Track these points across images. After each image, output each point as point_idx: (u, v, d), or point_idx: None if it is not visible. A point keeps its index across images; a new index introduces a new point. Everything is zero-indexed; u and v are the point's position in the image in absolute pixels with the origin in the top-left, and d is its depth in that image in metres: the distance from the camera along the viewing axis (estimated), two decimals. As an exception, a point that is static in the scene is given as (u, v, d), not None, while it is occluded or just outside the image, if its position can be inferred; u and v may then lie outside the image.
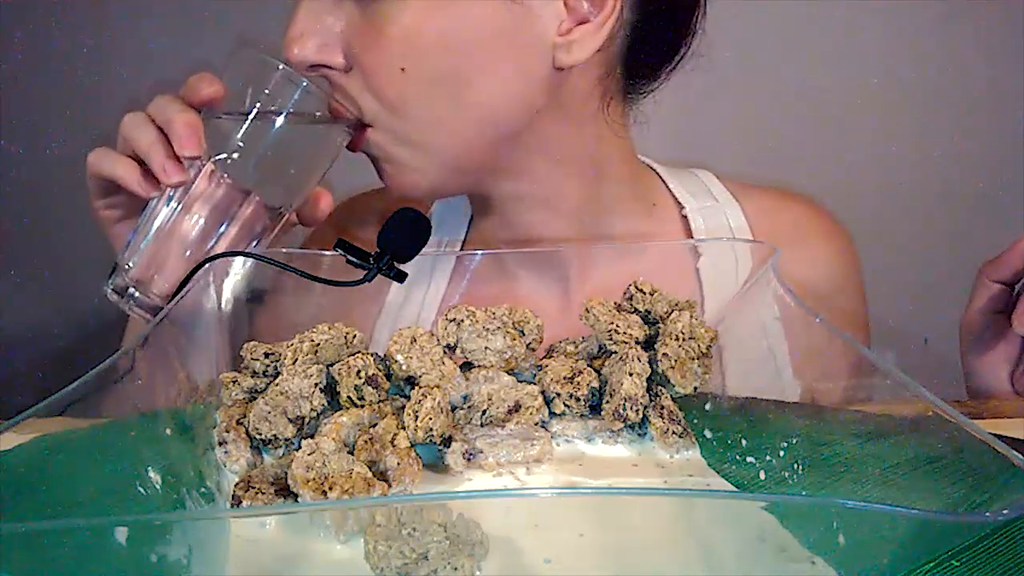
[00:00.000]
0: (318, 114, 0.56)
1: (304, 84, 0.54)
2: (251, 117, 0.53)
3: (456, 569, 0.34)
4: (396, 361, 0.47)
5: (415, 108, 0.56)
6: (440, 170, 0.59)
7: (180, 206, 0.54)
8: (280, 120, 0.54)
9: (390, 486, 0.40)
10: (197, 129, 0.52)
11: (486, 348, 0.49)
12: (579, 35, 0.55)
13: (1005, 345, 0.57)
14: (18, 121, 1.25)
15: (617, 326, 0.50)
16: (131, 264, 0.54)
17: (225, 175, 0.54)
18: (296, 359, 0.47)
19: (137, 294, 0.53)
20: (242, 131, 0.54)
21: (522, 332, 0.51)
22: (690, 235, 0.68)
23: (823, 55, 1.18)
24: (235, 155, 0.53)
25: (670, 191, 0.70)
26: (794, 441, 0.44)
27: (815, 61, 1.18)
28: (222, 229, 0.54)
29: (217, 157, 0.53)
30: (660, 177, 0.71)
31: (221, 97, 0.54)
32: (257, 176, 0.54)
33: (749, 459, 0.44)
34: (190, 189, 0.54)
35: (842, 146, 1.21)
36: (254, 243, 0.56)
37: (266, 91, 0.54)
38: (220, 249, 0.54)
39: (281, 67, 0.54)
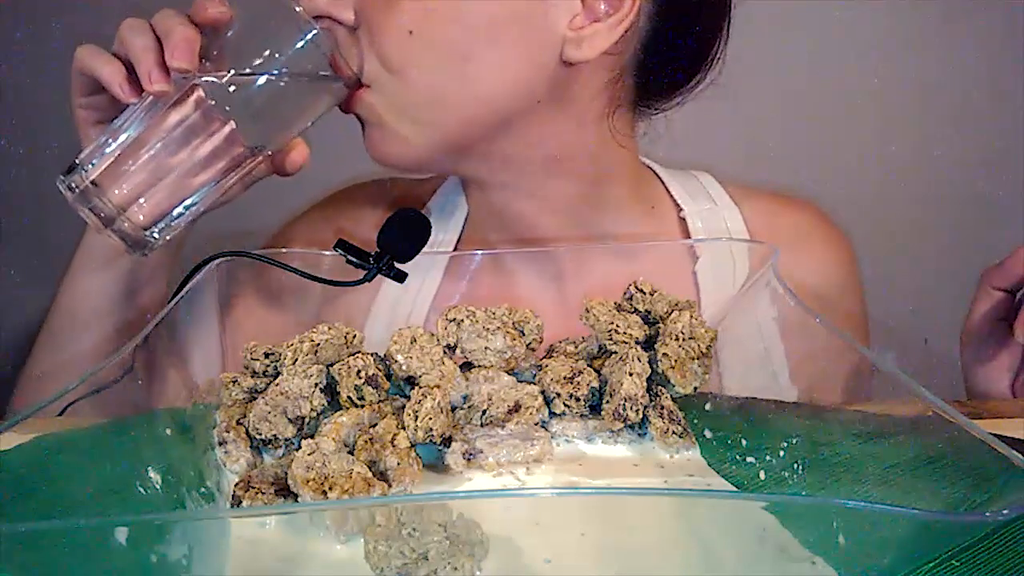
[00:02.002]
0: (317, 70, 0.55)
1: (314, 32, 0.53)
2: (251, 50, 0.52)
3: (456, 569, 0.34)
4: (396, 361, 0.47)
5: (416, 74, 0.56)
6: (428, 144, 0.58)
7: (156, 119, 0.52)
8: (280, 60, 0.53)
9: (390, 486, 0.40)
10: (193, 44, 0.51)
11: (486, 348, 0.49)
12: (590, 32, 0.55)
13: (1007, 353, 0.57)
14: (18, 121, 1.25)
15: (617, 326, 0.50)
16: (92, 164, 0.52)
17: (210, 101, 0.52)
18: (296, 359, 0.47)
19: (91, 195, 0.52)
20: (238, 62, 0.53)
21: (522, 332, 0.51)
22: (688, 238, 0.68)
23: (823, 55, 1.18)
24: (228, 86, 0.52)
25: (669, 193, 0.70)
26: (794, 441, 0.44)
27: (815, 61, 1.18)
28: (192, 153, 0.53)
29: (205, 78, 0.52)
30: (659, 178, 0.71)
31: (227, 21, 0.53)
32: (242, 111, 0.53)
33: (749, 459, 0.44)
34: (170, 105, 0.52)
35: (842, 146, 1.21)
36: (218, 179, 0.54)
37: (273, 29, 0.53)
38: (184, 172, 0.53)
39: (298, 9, 0.53)
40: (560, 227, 0.65)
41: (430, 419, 0.43)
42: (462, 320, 0.49)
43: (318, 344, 0.48)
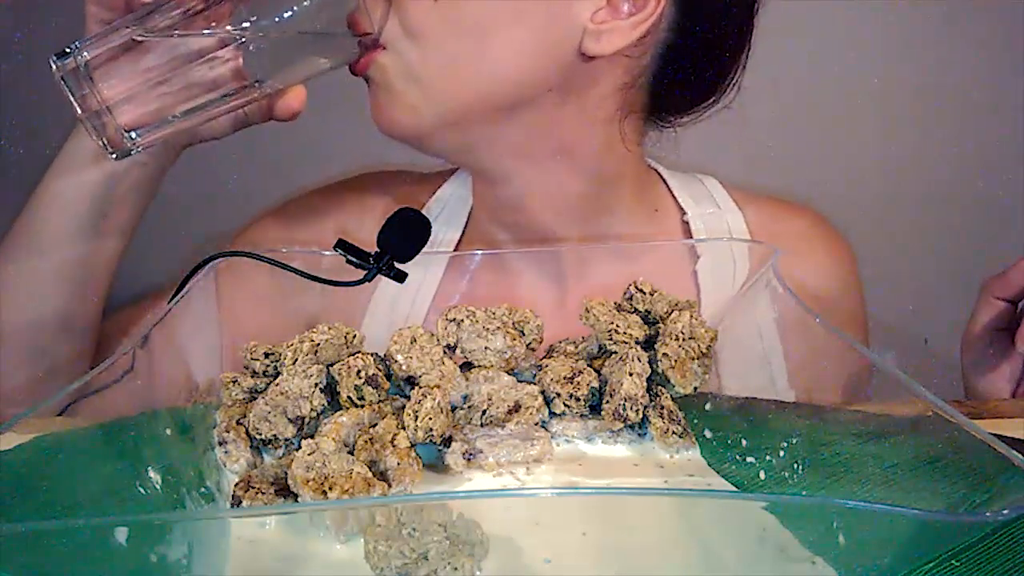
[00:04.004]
0: (338, 22, 0.55)
1: None
2: None
3: (456, 569, 0.34)
4: (396, 361, 0.47)
5: (434, 41, 0.56)
6: (435, 117, 0.58)
7: (164, 26, 0.51)
8: (305, 5, 0.52)
9: (390, 486, 0.40)
10: None
11: (486, 348, 0.49)
12: (610, 27, 0.56)
13: (1008, 363, 0.57)
14: (18, 121, 1.25)
15: (617, 326, 0.50)
16: (88, 53, 0.51)
17: (226, 25, 0.52)
18: (296, 359, 0.47)
19: (81, 79, 0.51)
20: None
21: (522, 332, 0.51)
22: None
23: (823, 55, 1.18)
24: (247, 13, 0.52)
25: (673, 196, 0.70)
26: (794, 441, 0.44)
27: (815, 62, 1.18)
28: (191, 68, 0.52)
29: None
30: (664, 181, 0.71)
31: None
32: (252, 42, 0.53)
33: (749, 459, 0.44)
34: (181, 15, 0.52)
35: (842, 147, 1.21)
36: (209, 102, 0.54)
37: None
38: (179, 86, 0.52)
39: None
40: (563, 227, 0.65)
41: (430, 419, 0.43)
42: (462, 320, 0.49)
43: (318, 344, 0.48)
